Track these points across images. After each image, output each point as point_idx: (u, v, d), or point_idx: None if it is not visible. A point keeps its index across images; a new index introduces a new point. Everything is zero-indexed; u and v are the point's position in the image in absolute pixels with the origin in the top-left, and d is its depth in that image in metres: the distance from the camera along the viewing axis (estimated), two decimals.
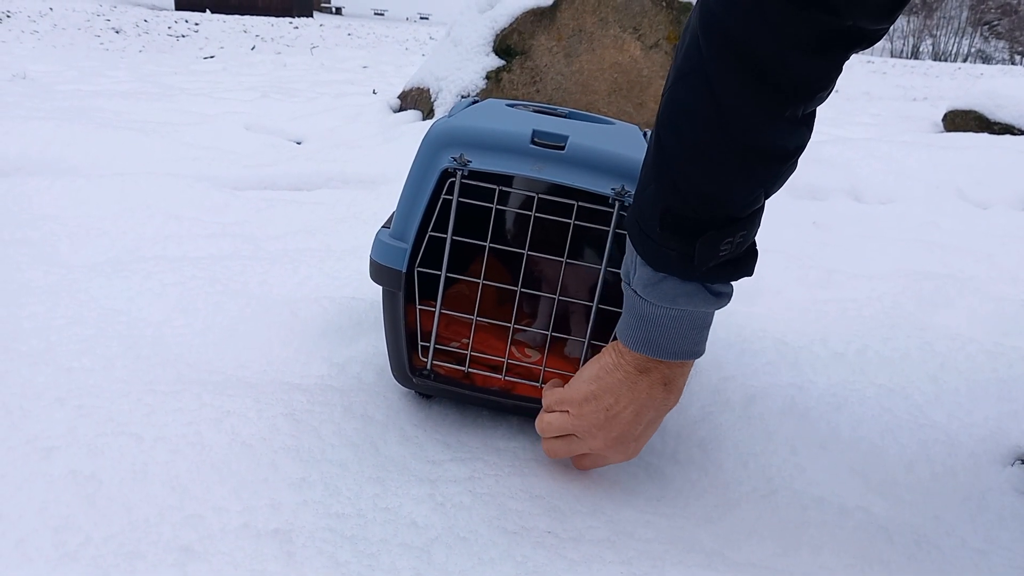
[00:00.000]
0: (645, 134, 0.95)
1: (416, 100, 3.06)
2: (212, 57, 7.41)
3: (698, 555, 0.73)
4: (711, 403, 1.02)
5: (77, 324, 1.12)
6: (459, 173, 0.85)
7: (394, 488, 0.79)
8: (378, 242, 0.90)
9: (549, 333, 0.93)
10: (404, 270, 0.87)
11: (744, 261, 0.73)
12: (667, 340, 0.74)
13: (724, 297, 0.74)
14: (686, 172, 0.68)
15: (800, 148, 0.70)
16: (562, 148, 0.83)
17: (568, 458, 0.86)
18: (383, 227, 0.93)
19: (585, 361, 0.93)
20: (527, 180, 0.88)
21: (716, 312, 0.76)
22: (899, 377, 1.10)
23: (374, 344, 1.10)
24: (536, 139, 0.84)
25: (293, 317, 1.17)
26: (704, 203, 0.68)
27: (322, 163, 2.33)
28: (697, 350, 0.76)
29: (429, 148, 0.87)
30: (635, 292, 0.74)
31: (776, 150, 0.67)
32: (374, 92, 4.36)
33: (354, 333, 1.15)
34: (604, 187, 0.83)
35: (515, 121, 0.89)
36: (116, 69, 5.60)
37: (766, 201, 0.73)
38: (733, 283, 0.74)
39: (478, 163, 0.84)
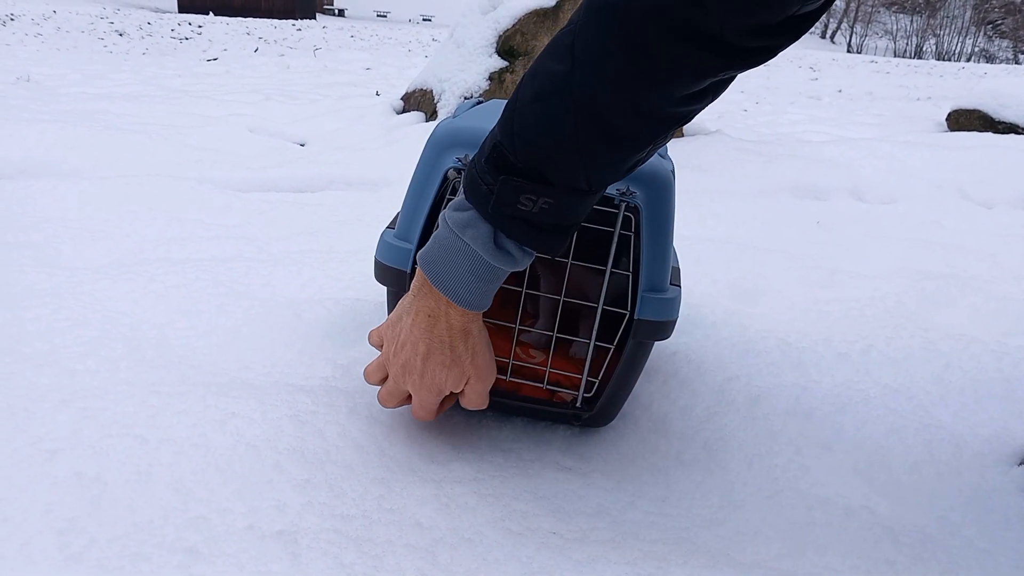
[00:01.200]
0: None
1: (419, 102, 3.07)
2: (215, 59, 7.42)
3: (703, 556, 0.73)
4: (716, 404, 1.02)
5: (81, 326, 1.12)
6: (463, 174, 0.85)
7: (399, 489, 0.79)
8: (383, 243, 0.90)
9: (554, 335, 0.94)
10: (409, 270, 0.88)
11: (544, 232, 0.71)
12: (443, 267, 0.75)
13: (506, 257, 0.73)
14: (524, 114, 0.68)
15: (636, 143, 0.68)
16: None
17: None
18: (387, 228, 0.93)
19: (591, 363, 0.93)
20: None
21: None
22: (903, 377, 1.10)
23: None
24: None
25: (297, 319, 1.17)
26: (527, 150, 0.68)
27: (325, 165, 2.33)
28: (464, 296, 0.75)
29: (433, 149, 0.87)
30: (443, 214, 0.76)
31: (612, 131, 0.66)
32: (377, 94, 4.37)
33: (358, 335, 1.15)
34: (610, 188, 0.83)
35: None
36: (119, 72, 5.62)
37: (598, 197, 0.73)
38: (525, 252, 0.73)
39: None
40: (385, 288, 0.93)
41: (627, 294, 0.87)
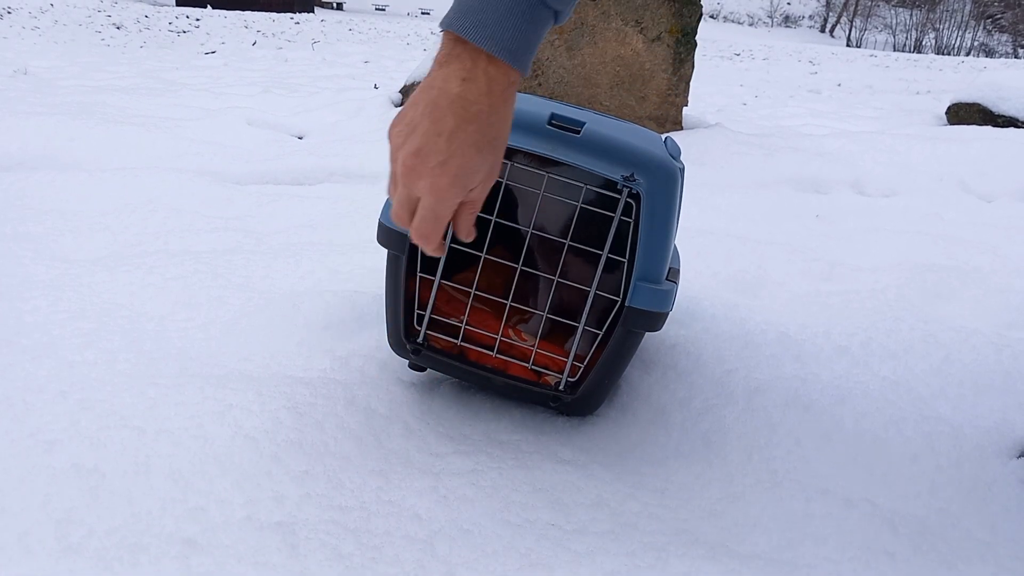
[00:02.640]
0: (665, 140, 0.95)
1: None
2: (213, 52, 7.40)
3: (702, 547, 0.73)
4: (715, 396, 1.02)
5: (79, 318, 1.12)
6: None
7: (397, 481, 0.79)
8: (388, 205, 0.91)
9: (545, 314, 0.94)
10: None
11: None
12: (477, 12, 0.63)
13: None
14: None
15: None
16: (578, 132, 0.84)
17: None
18: None
19: (590, 355, 0.93)
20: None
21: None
22: (903, 369, 1.10)
23: (376, 338, 1.10)
24: (553, 121, 0.85)
25: (295, 311, 1.17)
26: None
27: (324, 158, 2.32)
28: (508, 43, 0.64)
29: None
30: None
31: None
32: (376, 87, 4.36)
33: (357, 327, 1.15)
34: (615, 173, 0.83)
35: (534, 104, 0.90)
36: (117, 65, 5.60)
37: None
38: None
39: None
40: (386, 252, 0.93)
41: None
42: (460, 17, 0.64)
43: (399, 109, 0.71)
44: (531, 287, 1.09)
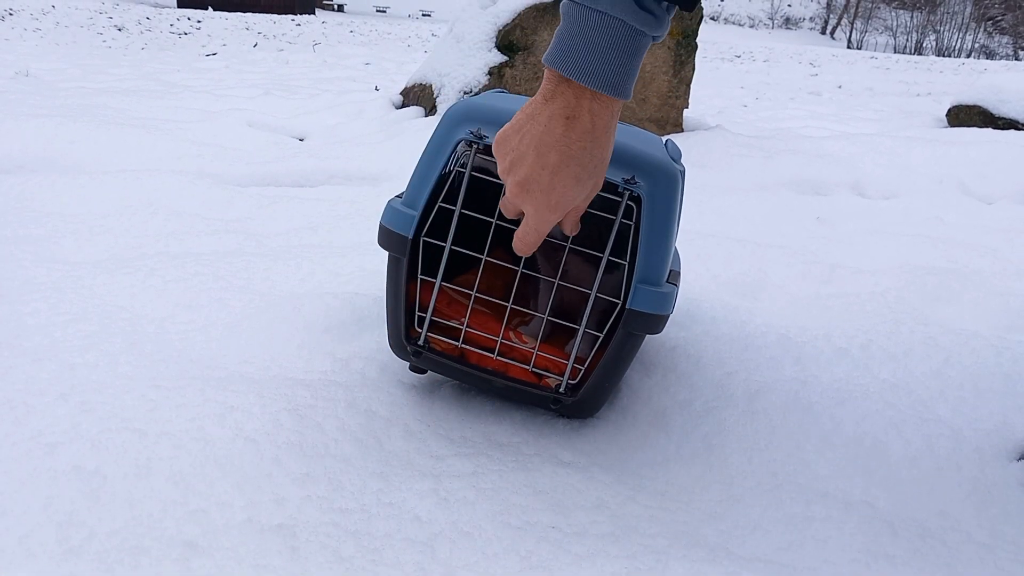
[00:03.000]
0: (665, 142, 0.95)
1: (419, 96, 3.06)
2: (214, 54, 7.41)
3: (702, 550, 0.73)
4: (715, 398, 1.02)
5: (80, 321, 1.12)
6: (475, 146, 0.86)
7: (397, 483, 0.79)
8: (389, 208, 0.92)
9: (545, 316, 0.94)
10: (411, 236, 0.89)
11: None
12: (579, 51, 0.67)
13: (648, 18, 0.67)
14: None
15: None
16: None
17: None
18: (395, 197, 0.94)
19: (590, 358, 0.93)
20: None
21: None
22: (903, 372, 1.10)
23: (377, 340, 1.10)
24: None
25: (296, 313, 1.17)
26: None
27: (325, 160, 2.33)
28: (608, 76, 0.68)
29: (448, 122, 0.89)
30: (565, 2, 0.70)
31: None
32: (376, 89, 4.36)
33: (357, 329, 1.15)
34: (615, 176, 0.83)
35: None
36: (119, 67, 5.61)
37: None
38: (667, 10, 0.69)
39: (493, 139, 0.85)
40: (387, 255, 0.93)
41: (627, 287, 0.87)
42: (563, 56, 0.69)
43: (503, 127, 0.76)
44: (532, 289, 1.10)
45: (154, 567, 0.67)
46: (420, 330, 0.94)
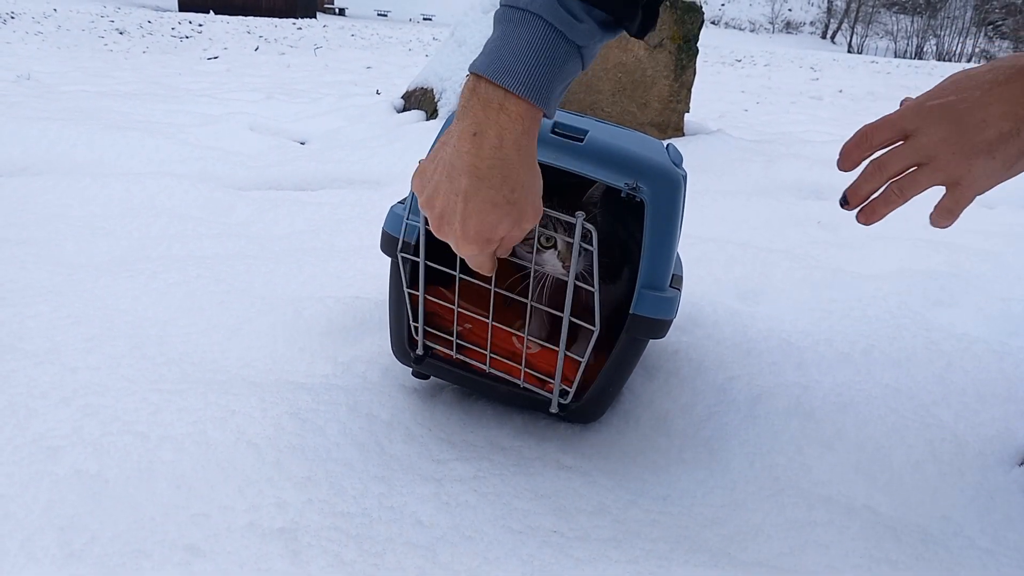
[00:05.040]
0: (667, 147, 0.95)
1: (420, 100, 3.06)
2: (216, 58, 7.42)
3: (704, 555, 0.73)
4: (717, 403, 1.02)
5: (82, 323, 1.12)
6: None
7: (399, 487, 0.79)
8: (391, 214, 0.92)
9: (530, 309, 0.94)
10: (414, 243, 0.88)
11: None
12: (498, 49, 0.64)
13: (570, 20, 0.64)
14: None
15: None
16: (581, 140, 0.84)
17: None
18: (398, 203, 0.94)
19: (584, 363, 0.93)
20: None
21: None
22: (905, 377, 1.10)
23: (379, 343, 1.10)
24: (556, 129, 0.86)
25: (298, 316, 1.17)
26: None
27: (326, 163, 2.33)
28: (523, 76, 0.63)
29: None
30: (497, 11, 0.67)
31: None
32: (378, 92, 4.37)
33: (359, 332, 1.15)
34: (618, 181, 0.83)
35: None
36: (121, 70, 5.62)
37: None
38: (591, 16, 0.65)
39: None
40: (390, 261, 0.93)
41: (626, 302, 0.87)
42: (482, 58, 0.65)
43: (421, 158, 0.72)
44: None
45: (156, 571, 0.67)
46: (424, 338, 0.94)
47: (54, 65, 5.53)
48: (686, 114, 2.95)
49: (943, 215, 0.71)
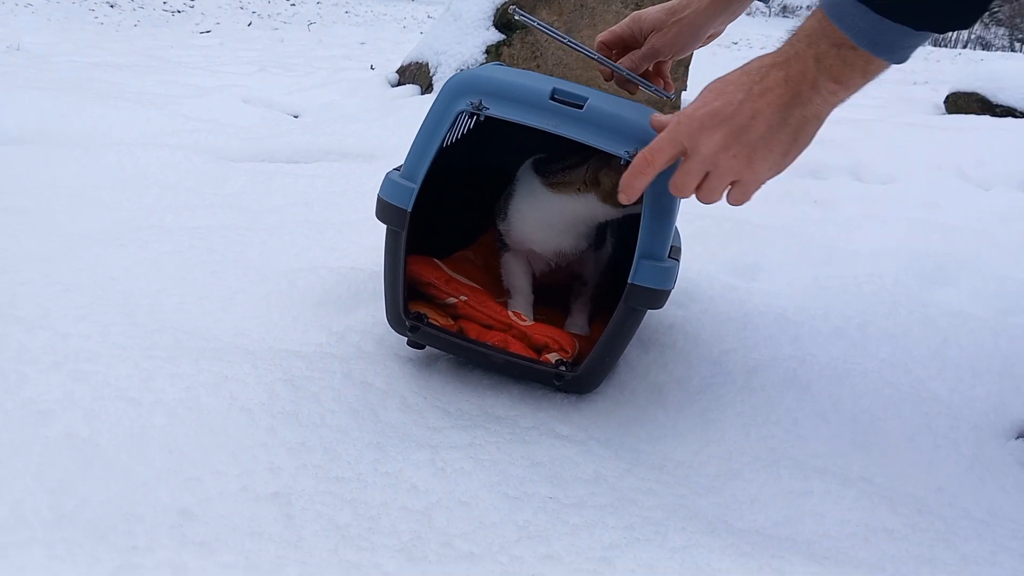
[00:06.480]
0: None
1: (415, 75, 3.04)
2: (209, 32, 7.33)
3: (701, 522, 0.73)
4: (712, 375, 1.01)
5: (73, 291, 1.11)
6: (475, 117, 0.86)
7: (394, 453, 0.79)
8: (387, 181, 0.91)
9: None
10: (409, 209, 0.87)
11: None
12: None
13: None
14: None
15: None
16: (580, 107, 0.83)
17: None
18: (393, 170, 0.93)
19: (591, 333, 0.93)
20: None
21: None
22: (901, 352, 1.09)
23: (373, 314, 1.09)
24: (555, 96, 0.84)
25: (291, 287, 1.16)
26: None
27: (320, 136, 2.31)
28: (885, 39, 0.65)
29: (448, 94, 0.88)
30: None
31: None
32: (372, 67, 4.32)
33: (353, 303, 1.14)
34: (618, 148, 0.82)
35: (536, 79, 0.89)
36: (112, 42, 5.55)
37: None
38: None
39: (495, 111, 0.84)
40: (384, 228, 0.92)
41: (614, 270, 0.87)
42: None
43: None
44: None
45: (148, 534, 0.66)
46: (418, 306, 0.93)
47: (44, 37, 5.46)
48: (683, 92, 2.93)
49: (736, 201, 0.78)
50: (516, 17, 0.97)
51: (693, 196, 0.78)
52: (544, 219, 0.99)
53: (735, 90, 0.71)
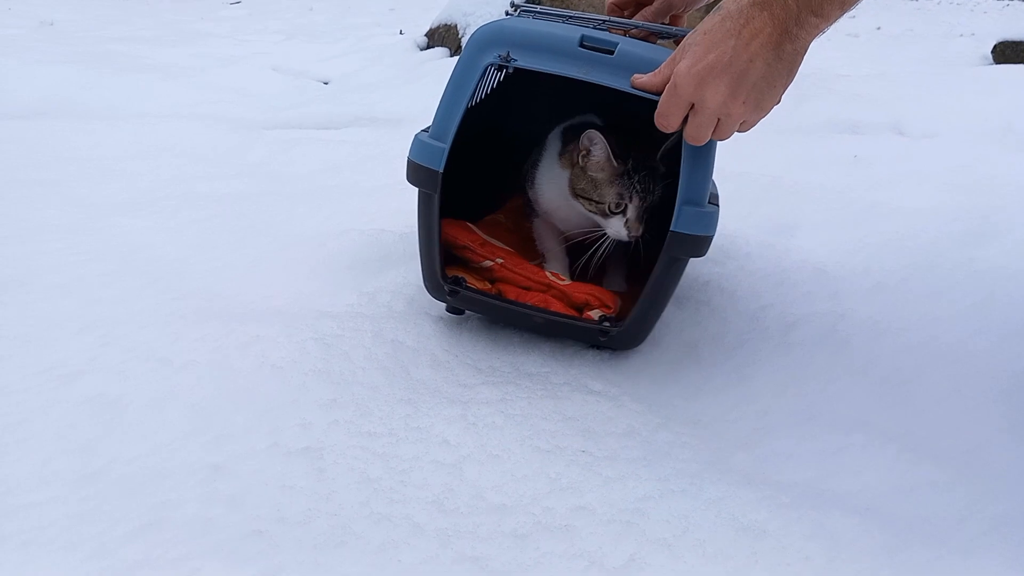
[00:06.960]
0: None
1: (443, 37, 3.00)
2: (238, 2, 7.33)
3: (736, 475, 0.71)
4: (748, 331, 0.99)
5: (98, 259, 1.12)
6: (504, 70, 0.84)
7: (425, 409, 0.78)
8: (416, 142, 0.88)
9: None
10: (441, 170, 0.85)
11: None
12: None
13: None
14: None
15: None
16: (611, 53, 0.80)
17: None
18: (422, 131, 0.91)
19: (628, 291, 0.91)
20: None
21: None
22: (944, 307, 1.06)
23: (404, 275, 1.08)
24: (585, 43, 0.82)
25: (321, 249, 1.16)
26: None
27: (348, 103, 2.30)
28: None
29: (475, 47, 0.85)
30: None
31: None
32: (400, 32, 4.28)
33: (382, 265, 1.13)
34: (656, 95, 0.79)
35: (564, 27, 0.86)
36: (140, 16, 5.58)
37: None
38: None
39: (523, 62, 0.82)
40: (416, 191, 0.90)
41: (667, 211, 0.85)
42: None
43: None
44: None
45: (176, 490, 0.67)
46: (455, 270, 0.92)
47: (71, 13, 5.50)
48: None
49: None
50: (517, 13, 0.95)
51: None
52: (561, 194, 0.98)
53: (724, 38, 0.72)
